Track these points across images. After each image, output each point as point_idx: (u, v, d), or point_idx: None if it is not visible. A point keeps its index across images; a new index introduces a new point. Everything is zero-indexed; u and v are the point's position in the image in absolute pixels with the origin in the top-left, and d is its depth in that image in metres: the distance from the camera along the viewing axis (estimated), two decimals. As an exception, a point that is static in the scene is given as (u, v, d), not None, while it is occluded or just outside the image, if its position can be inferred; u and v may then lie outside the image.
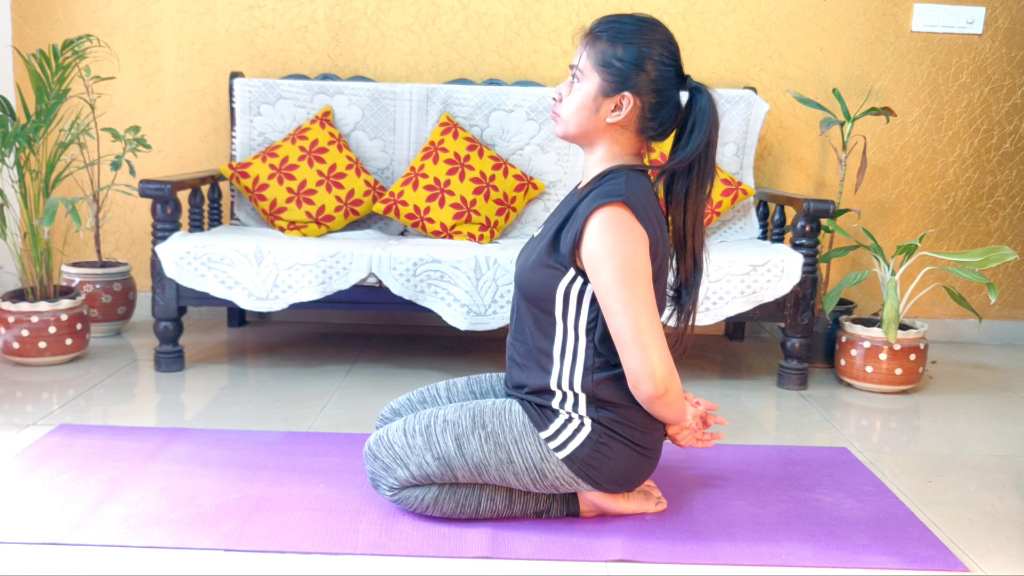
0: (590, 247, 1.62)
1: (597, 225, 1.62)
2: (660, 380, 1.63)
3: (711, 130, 1.69)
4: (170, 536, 1.70)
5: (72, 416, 2.37)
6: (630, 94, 1.66)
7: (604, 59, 1.67)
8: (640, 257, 1.61)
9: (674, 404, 1.69)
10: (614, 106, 1.68)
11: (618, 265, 1.60)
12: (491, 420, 1.74)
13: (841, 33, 3.40)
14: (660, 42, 1.67)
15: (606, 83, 1.67)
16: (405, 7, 3.35)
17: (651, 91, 1.67)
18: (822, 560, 1.70)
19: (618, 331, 1.62)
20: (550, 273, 1.69)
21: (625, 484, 1.78)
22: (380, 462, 1.78)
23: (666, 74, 1.67)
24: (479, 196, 2.97)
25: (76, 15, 3.35)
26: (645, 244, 1.63)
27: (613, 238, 1.60)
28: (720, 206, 3.03)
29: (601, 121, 1.70)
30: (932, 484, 2.11)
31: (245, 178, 3.00)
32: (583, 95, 1.69)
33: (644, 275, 1.62)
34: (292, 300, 2.66)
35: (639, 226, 1.62)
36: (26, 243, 2.82)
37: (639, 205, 1.63)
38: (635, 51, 1.65)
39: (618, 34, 1.66)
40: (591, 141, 1.74)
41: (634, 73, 1.66)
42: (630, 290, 1.60)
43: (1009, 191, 3.52)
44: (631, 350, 1.62)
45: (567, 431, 1.71)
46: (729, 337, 3.53)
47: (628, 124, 1.70)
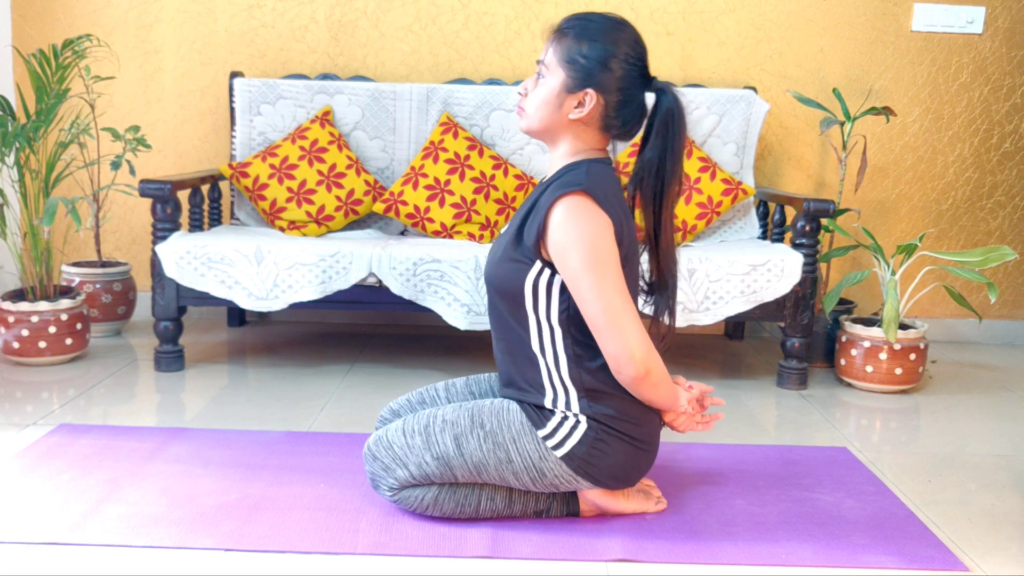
0: (555, 238, 1.64)
1: (560, 215, 1.63)
2: (640, 361, 1.64)
3: (677, 131, 1.70)
4: (170, 536, 1.70)
5: (72, 416, 2.37)
6: (593, 91, 1.67)
7: (569, 55, 1.68)
8: (606, 243, 1.62)
9: (659, 385, 1.69)
10: (577, 102, 1.69)
11: (584, 253, 1.61)
12: (489, 419, 1.74)
13: (841, 33, 3.40)
14: (626, 41, 1.68)
15: (570, 79, 1.68)
16: (405, 7, 3.35)
17: (615, 89, 1.68)
18: (822, 560, 1.70)
19: (592, 318, 1.64)
20: (517, 267, 1.70)
21: (624, 479, 1.78)
22: (380, 462, 1.78)
23: (631, 73, 1.68)
24: (479, 196, 2.97)
25: (76, 15, 3.35)
26: (609, 230, 1.63)
27: (577, 226, 1.62)
28: (720, 206, 3.03)
29: (564, 117, 1.71)
30: (932, 484, 2.11)
31: (245, 178, 3.00)
32: (547, 90, 1.70)
33: (611, 260, 1.63)
34: (292, 300, 2.66)
35: (602, 212, 1.63)
36: (26, 243, 2.82)
37: (600, 192, 1.64)
38: (600, 49, 1.66)
39: (584, 31, 1.68)
40: (554, 137, 1.75)
41: (598, 70, 1.67)
42: (599, 276, 1.61)
43: (1009, 191, 3.52)
44: (607, 335, 1.63)
45: (564, 429, 1.71)
46: (729, 337, 3.53)
47: (591, 121, 1.71)
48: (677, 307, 2.66)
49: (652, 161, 1.71)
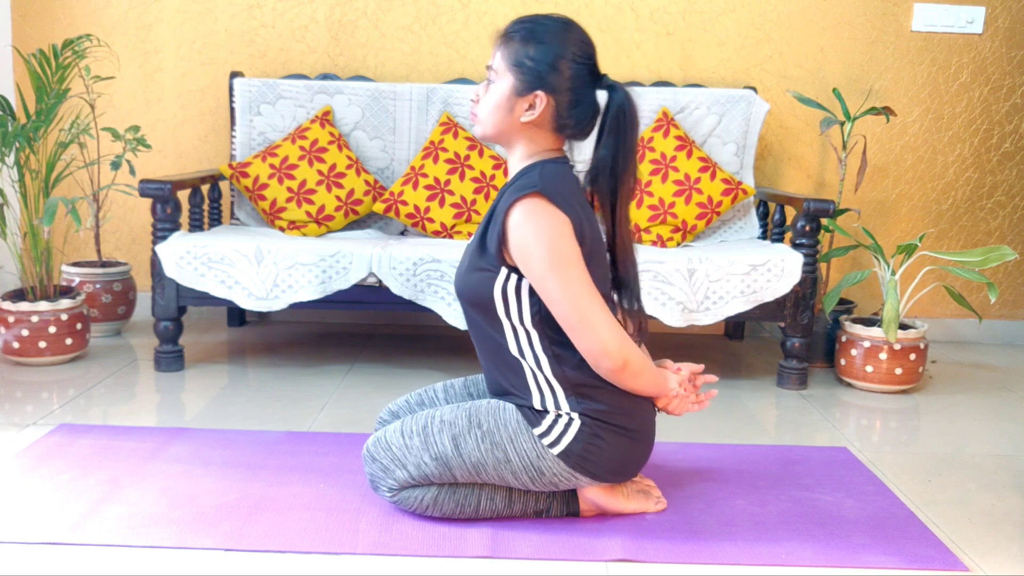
0: (515, 242, 1.64)
1: (517, 219, 1.64)
2: (615, 353, 1.64)
3: (628, 128, 1.70)
4: (170, 536, 1.70)
5: (72, 416, 2.37)
6: (543, 93, 1.68)
7: (517, 59, 1.68)
8: (566, 241, 1.63)
9: (641, 374, 1.70)
10: (528, 105, 1.69)
11: (545, 253, 1.62)
12: (487, 419, 1.74)
13: (841, 33, 3.40)
14: (573, 41, 1.69)
15: (519, 82, 1.69)
16: (405, 7, 3.35)
17: (565, 90, 1.68)
18: (822, 560, 1.70)
19: (562, 317, 1.65)
20: (484, 276, 1.70)
21: (623, 472, 1.78)
22: (379, 464, 1.78)
23: (579, 73, 1.69)
24: (479, 196, 2.97)
25: (76, 15, 3.35)
26: (568, 228, 1.64)
27: (535, 228, 1.62)
28: (720, 206, 3.03)
29: (516, 120, 1.71)
30: (932, 484, 2.11)
31: (245, 178, 3.00)
32: (497, 95, 1.71)
33: (573, 258, 1.63)
34: (292, 300, 2.66)
35: (558, 212, 1.63)
36: (26, 243, 2.82)
37: (555, 191, 1.65)
38: (546, 50, 1.67)
39: (530, 34, 1.68)
40: (509, 141, 1.75)
41: (546, 72, 1.67)
42: (563, 275, 1.62)
43: (1009, 191, 3.52)
44: (579, 332, 1.64)
45: (558, 427, 1.72)
46: (729, 337, 3.53)
47: (543, 123, 1.71)
48: (677, 306, 2.66)
49: (605, 159, 1.72)
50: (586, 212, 1.71)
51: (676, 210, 2.99)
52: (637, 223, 3.00)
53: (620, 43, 3.39)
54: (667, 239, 2.98)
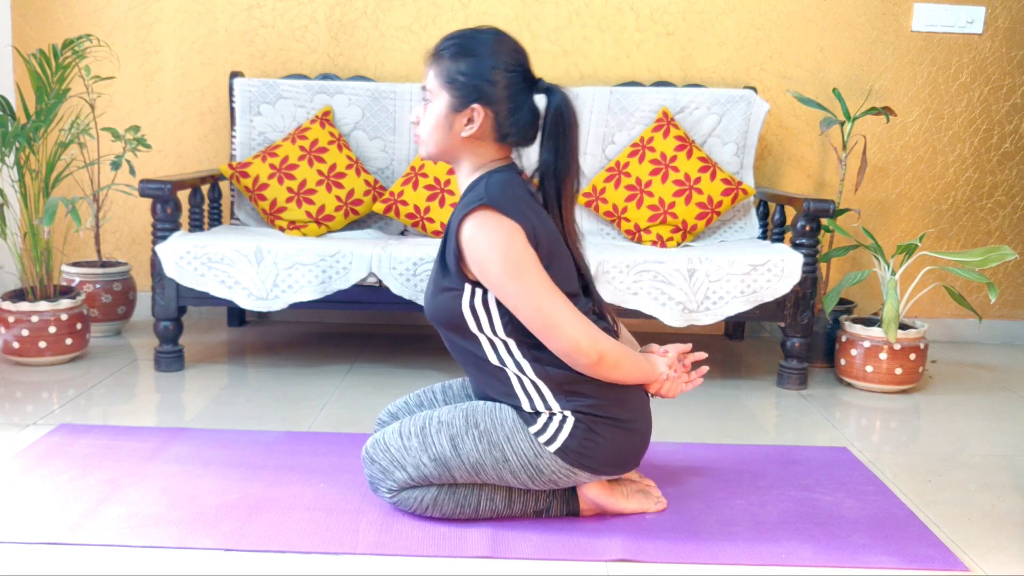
0: (470, 257, 1.66)
1: (468, 234, 1.65)
2: (587, 348, 1.65)
3: (567, 129, 1.71)
4: (170, 536, 1.70)
5: (72, 416, 2.37)
6: (479, 106, 1.69)
7: (449, 76, 1.70)
8: (518, 248, 1.63)
9: (620, 364, 1.69)
10: (467, 120, 1.70)
11: (500, 264, 1.62)
12: (483, 419, 1.74)
13: (841, 33, 3.40)
14: (502, 51, 1.70)
15: (454, 99, 1.70)
16: (405, 7, 3.35)
17: (501, 99, 1.69)
18: (822, 560, 1.70)
19: (528, 322, 1.65)
20: (450, 296, 1.71)
21: (622, 464, 1.78)
22: (378, 465, 1.78)
23: (513, 80, 1.70)
24: (479, 196, 2.97)
25: (76, 15, 3.35)
26: (520, 234, 1.64)
27: (487, 241, 1.63)
28: (720, 206, 3.03)
29: (457, 137, 1.72)
30: (932, 484, 2.11)
31: (245, 178, 3.00)
32: (435, 114, 1.72)
33: (529, 263, 1.64)
34: (292, 300, 2.66)
35: (508, 220, 1.64)
36: (26, 243, 2.82)
37: (503, 201, 1.65)
38: (477, 63, 1.68)
39: (460, 49, 1.70)
40: (454, 157, 1.77)
41: (480, 85, 1.68)
42: (521, 282, 1.63)
43: (1009, 191, 3.52)
44: (548, 334, 1.65)
45: (553, 425, 1.72)
46: (729, 337, 3.53)
47: (485, 135, 1.72)
48: (677, 306, 2.66)
49: (548, 162, 1.74)
50: (538, 215, 1.71)
51: (676, 210, 2.99)
52: (637, 223, 3.01)
53: (620, 43, 3.39)
54: (667, 239, 2.98)
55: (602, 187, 3.08)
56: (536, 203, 1.74)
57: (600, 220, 3.17)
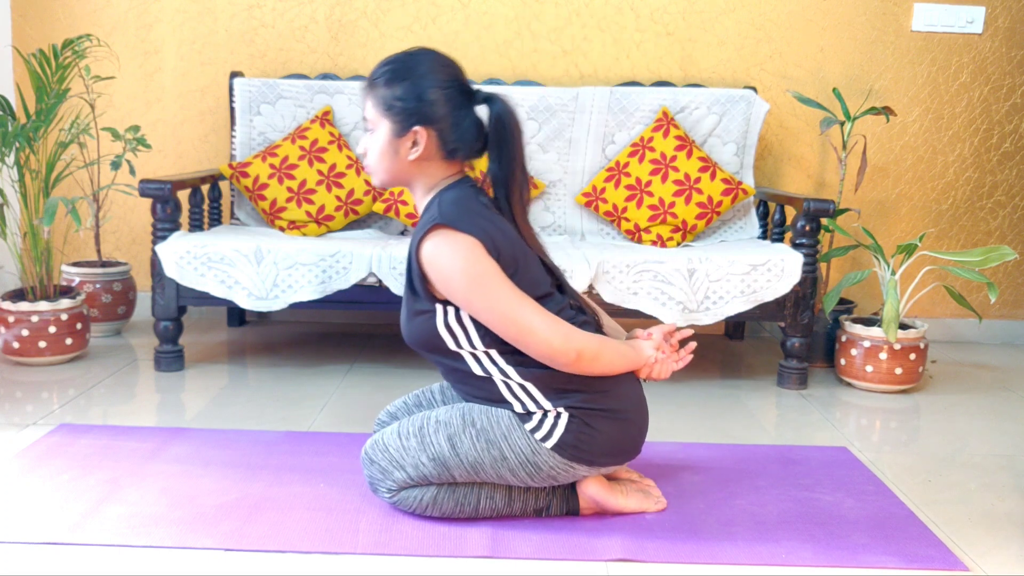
0: (434, 278, 1.67)
1: (427, 256, 1.66)
2: (561, 347, 1.65)
3: (510, 136, 1.72)
4: (170, 536, 1.70)
5: (72, 416, 2.37)
6: (421, 127, 1.70)
7: (386, 103, 1.71)
8: (477, 262, 1.64)
9: (600, 357, 1.69)
10: (411, 143, 1.72)
11: (462, 281, 1.63)
12: (480, 418, 1.75)
13: (841, 33, 3.40)
14: (435, 69, 1.71)
15: (395, 124, 1.71)
16: (405, 7, 3.35)
17: (441, 117, 1.70)
18: (822, 560, 1.70)
19: (502, 333, 1.66)
20: (425, 318, 1.72)
21: (620, 454, 1.78)
22: (377, 466, 1.79)
23: (450, 96, 1.71)
24: (479, 196, 2.97)
25: (76, 15, 3.35)
26: (477, 247, 1.64)
27: (446, 260, 1.64)
28: (720, 205, 3.03)
29: (404, 161, 1.73)
30: (932, 483, 2.11)
31: (245, 178, 3.00)
32: (379, 143, 1.74)
33: (491, 275, 1.64)
34: (292, 300, 2.66)
35: (463, 236, 1.64)
36: (26, 243, 2.82)
37: (456, 217, 1.66)
38: (411, 86, 1.69)
39: (393, 75, 1.71)
40: (407, 181, 1.78)
41: (418, 107, 1.69)
42: (485, 294, 1.63)
43: (1009, 191, 3.52)
44: (522, 341, 1.66)
45: (548, 422, 1.72)
46: (729, 337, 3.53)
47: (432, 155, 1.73)
48: (677, 306, 2.66)
49: (494, 171, 1.75)
50: (496, 224, 1.71)
51: (676, 210, 2.99)
52: (637, 223, 3.01)
53: (620, 43, 3.39)
54: (667, 239, 2.98)
55: (602, 187, 3.08)
56: (493, 212, 1.74)
57: (600, 220, 3.17)
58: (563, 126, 3.18)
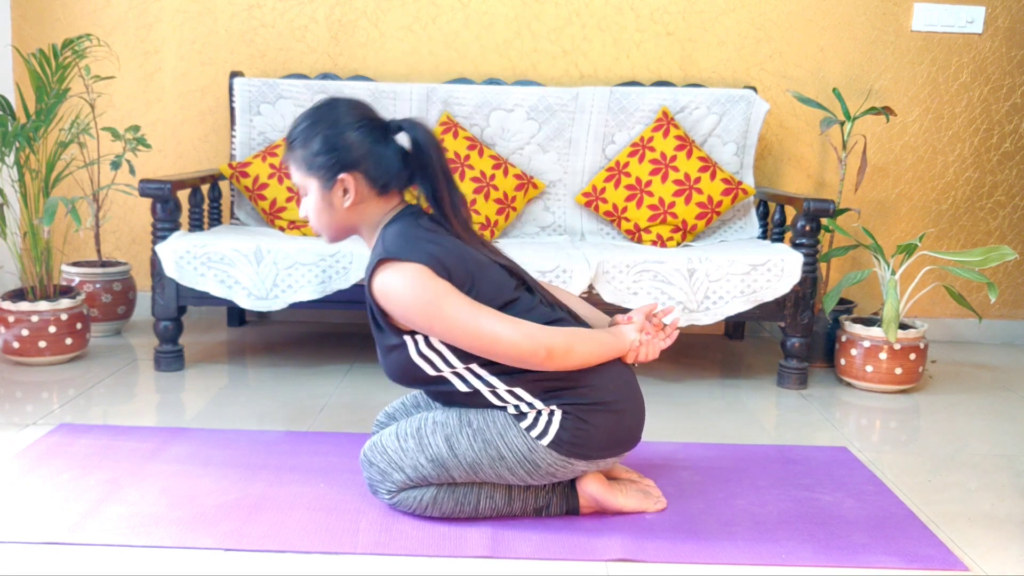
0: (391, 312, 1.68)
1: (379, 292, 1.67)
2: (530, 348, 1.65)
3: (432, 157, 1.73)
4: (170, 536, 1.70)
5: (72, 416, 2.37)
6: (344, 175, 1.71)
7: (307, 162, 1.73)
8: (426, 286, 1.64)
9: (574, 349, 1.69)
10: (341, 192, 1.73)
11: (417, 307, 1.64)
12: (476, 417, 1.75)
13: (841, 33, 3.40)
14: (342, 114, 1.73)
15: (322, 180, 1.73)
16: (405, 7, 3.35)
17: (360, 159, 1.72)
18: (822, 560, 1.70)
19: (471, 348, 1.67)
20: (398, 352, 1.74)
21: (617, 445, 1.78)
22: (376, 468, 1.79)
23: (364, 136, 1.72)
24: (479, 195, 2.97)
25: (76, 15, 3.35)
26: (424, 272, 1.65)
27: (397, 292, 1.65)
28: (720, 205, 3.03)
29: (342, 211, 1.75)
30: (932, 483, 2.11)
31: (245, 177, 3.00)
32: (314, 202, 1.76)
33: (443, 295, 1.64)
34: (292, 300, 2.66)
35: (408, 265, 1.65)
36: (26, 243, 2.82)
37: (398, 248, 1.67)
38: (324, 139, 1.71)
39: (304, 135, 1.73)
40: (353, 228, 1.80)
41: (335, 157, 1.71)
42: (442, 315, 1.64)
43: (1009, 190, 3.52)
44: (490, 351, 1.66)
45: (543, 420, 1.73)
46: (729, 337, 3.53)
47: (365, 196, 1.75)
48: (678, 306, 2.67)
49: (428, 193, 1.76)
50: (443, 243, 1.71)
51: (676, 210, 2.99)
52: (637, 223, 3.01)
53: (620, 43, 3.39)
54: (667, 239, 2.98)
55: (602, 187, 3.08)
56: (439, 233, 1.74)
57: (600, 220, 3.17)
58: (563, 126, 3.18)
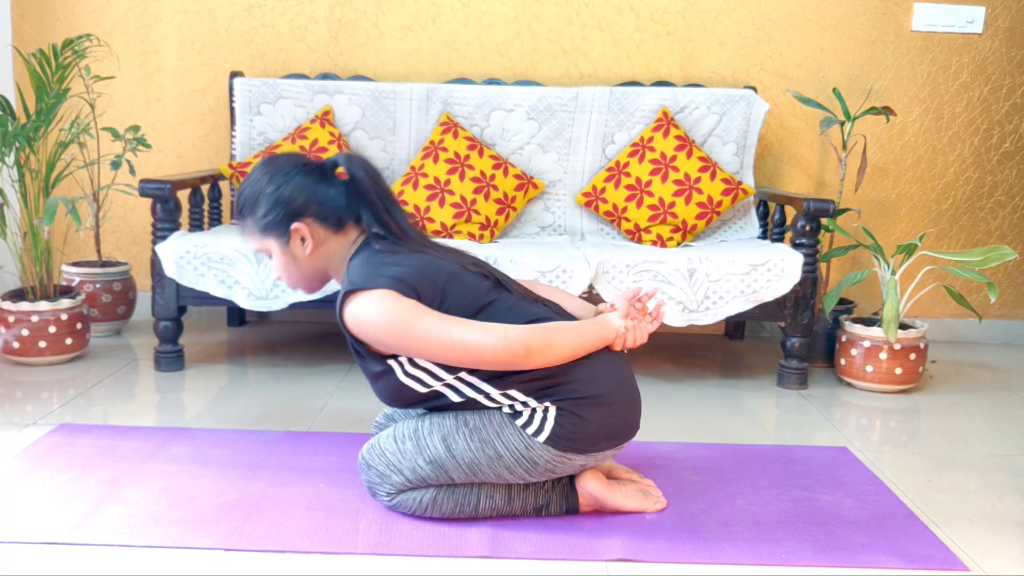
0: (367, 340, 1.69)
1: (352, 325, 1.68)
2: (506, 350, 1.64)
3: (370, 187, 1.76)
4: (170, 536, 1.70)
5: (72, 416, 2.37)
6: (296, 224, 1.74)
7: (259, 226, 1.77)
8: (393, 309, 1.64)
9: (553, 342, 1.68)
10: (299, 241, 1.76)
11: (389, 332, 1.64)
12: (472, 417, 1.75)
13: (841, 32, 3.40)
14: (278, 169, 1.75)
15: (277, 237, 1.77)
16: (405, 7, 3.35)
17: (306, 204, 1.74)
18: (822, 560, 1.70)
19: (450, 360, 1.67)
20: (386, 378, 1.74)
21: (614, 437, 1.77)
22: (374, 470, 1.79)
23: (302, 183, 1.74)
24: (479, 196, 2.97)
25: (76, 15, 3.35)
26: (389, 296, 1.65)
27: (367, 321, 1.65)
28: (720, 205, 3.03)
29: (306, 259, 1.78)
30: (932, 483, 2.11)
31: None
32: (279, 261, 1.80)
33: (411, 314, 1.64)
34: (292, 299, 2.66)
35: (372, 293, 1.66)
36: (26, 243, 2.82)
37: (361, 278, 1.68)
38: (266, 199, 1.74)
39: (248, 200, 1.77)
40: (323, 273, 1.83)
41: (282, 211, 1.74)
42: (415, 335, 1.64)
43: (1009, 190, 3.52)
44: (470, 358, 1.66)
45: (538, 417, 1.72)
46: (729, 337, 3.53)
47: (323, 238, 1.77)
48: (678, 306, 2.66)
49: (373, 220, 1.78)
50: (405, 263, 1.71)
51: (676, 210, 2.99)
52: (637, 223, 3.01)
53: (620, 43, 3.39)
54: (667, 239, 2.98)
55: (602, 187, 3.08)
56: (399, 253, 1.75)
57: (600, 220, 3.17)
58: (563, 126, 3.18)
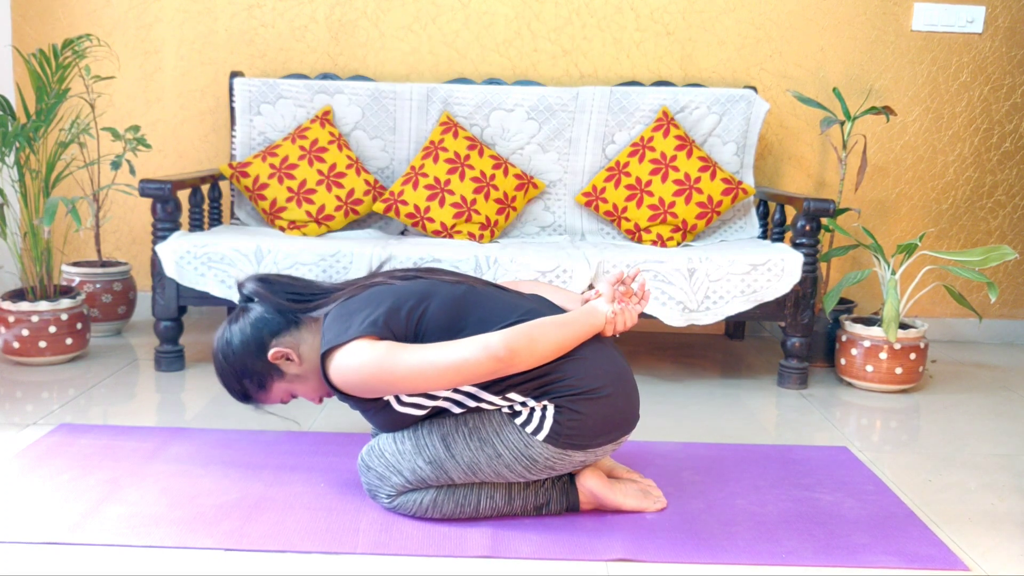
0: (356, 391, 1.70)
1: (338, 382, 1.70)
2: (489, 357, 1.64)
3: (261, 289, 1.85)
4: (170, 536, 1.70)
5: (72, 416, 2.37)
6: (272, 351, 1.80)
7: (258, 389, 1.85)
8: (371, 357, 1.65)
9: (539, 338, 1.67)
10: (285, 360, 1.83)
11: (375, 379, 1.65)
12: (471, 416, 1.75)
13: (841, 32, 3.40)
14: (224, 347, 1.84)
15: (275, 379, 1.84)
16: (405, 7, 3.35)
17: (262, 338, 1.82)
18: (822, 560, 1.70)
19: (442, 386, 1.67)
20: (385, 412, 1.75)
21: (613, 430, 1.76)
22: (374, 472, 1.79)
23: (244, 327, 1.83)
24: (479, 195, 2.97)
25: (76, 15, 3.35)
26: (363, 343, 1.67)
27: (352, 374, 1.67)
28: (720, 205, 3.03)
29: (304, 366, 1.83)
30: (932, 483, 2.11)
31: (245, 177, 3.00)
32: (299, 390, 1.87)
33: (390, 355, 1.65)
34: (292, 300, 2.66)
35: (347, 346, 1.67)
36: (26, 243, 2.82)
37: (333, 335, 1.71)
38: (238, 372, 1.83)
39: (232, 387, 1.86)
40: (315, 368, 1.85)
41: (256, 362, 1.82)
42: (397, 374, 1.65)
43: (1009, 190, 3.52)
44: (461, 377, 1.65)
45: (536, 415, 1.72)
46: (729, 336, 3.53)
47: (298, 339, 1.83)
48: (678, 306, 2.66)
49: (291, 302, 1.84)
50: (371, 302, 1.74)
51: (676, 210, 2.99)
52: (637, 222, 3.01)
53: (620, 43, 3.39)
54: (667, 239, 2.98)
55: (602, 187, 3.08)
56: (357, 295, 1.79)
57: (600, 220, 3.17)
58: (563, 126, 3.18)
